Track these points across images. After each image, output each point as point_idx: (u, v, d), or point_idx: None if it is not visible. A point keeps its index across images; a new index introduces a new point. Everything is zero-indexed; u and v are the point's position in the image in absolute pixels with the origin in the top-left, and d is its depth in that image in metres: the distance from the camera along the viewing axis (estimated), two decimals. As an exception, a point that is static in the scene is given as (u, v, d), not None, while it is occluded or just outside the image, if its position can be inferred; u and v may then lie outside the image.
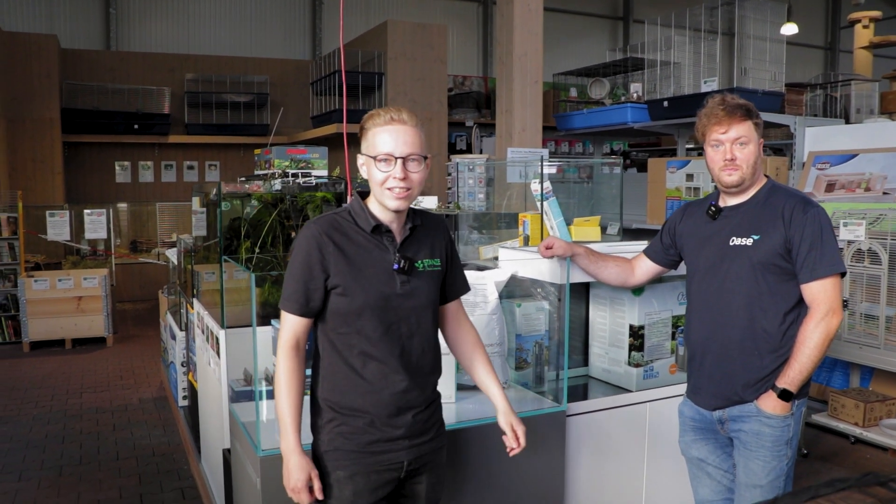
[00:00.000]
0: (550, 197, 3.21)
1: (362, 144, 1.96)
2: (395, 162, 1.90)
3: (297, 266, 1.93)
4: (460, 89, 13.33)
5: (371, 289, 1.92)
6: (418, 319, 1.99)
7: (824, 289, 2.25)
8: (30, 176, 10.00)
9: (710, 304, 2.42)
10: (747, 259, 2.32)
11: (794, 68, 15.82)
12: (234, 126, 11.79)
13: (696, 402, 2.49)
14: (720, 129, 2.33)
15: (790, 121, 5.72)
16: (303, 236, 1.95)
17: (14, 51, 9.92)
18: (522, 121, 6.96)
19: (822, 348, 2.24)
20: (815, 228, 2.26)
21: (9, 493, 4.06)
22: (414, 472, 2.02)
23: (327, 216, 1.99)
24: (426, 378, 2.03)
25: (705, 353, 2.43)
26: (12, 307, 7.59)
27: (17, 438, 4.90)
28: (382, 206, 1.96)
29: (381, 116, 1.93)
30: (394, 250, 1.97)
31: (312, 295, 1.92)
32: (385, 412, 1.94)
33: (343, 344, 1.94)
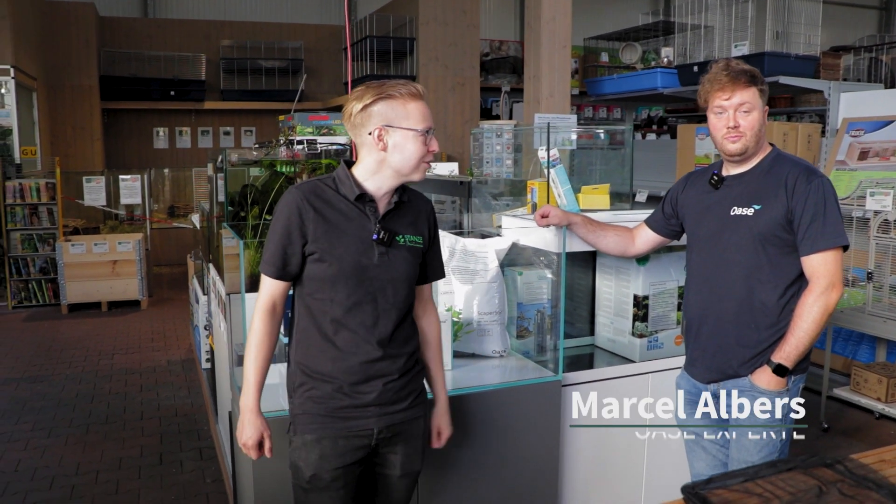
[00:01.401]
0: (557, 164, 3.16)
1: (388, 111, 1.90)
2: (432, 136, 1.94)
3: (277, 230, 1.94)
4: (497, 54, 13.15)
5: (347, 257, 1.92)
6: (394, 292, 1.99)
7: (825, 262, 2.18)
8: (70, 142, 10.23)
9: (708, 276, 2.37)
10: (748, 229, 2.26)
11: (845, 30, 15.24)
12: (269, 92, 11.85)
13: (692, 375, 2.45)
14: (723, 96, 2.27)
15: (824, 86, 5.53)
16: (284, 201, 1.95)
17: (53, 19, 10.08)
18: (550, 86, 6.84)
19: (821, 323, 2.18)
20: (819, 199, 2.19)
21: (38, 449, 4.22)
22: (386, 440, 2.02)
23: (310, 182, 2.00)
24: (399, 349, 2.02)
25: (701, 325, 2.39)
26: (51, 270, 7.81)
27: (50, 397, 5.08)
28: (405, 176, 1.96)
29: (408, 87, 1.91)
30: (375, 220, 1.97)
31: (290, 259, 1.94)
32: (354, 379, 1.95)
33: (318, 310, 1.96)
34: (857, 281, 4.41)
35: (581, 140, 5.21)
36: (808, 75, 5.65)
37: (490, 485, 2.62)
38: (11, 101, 8.08)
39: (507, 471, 2.64)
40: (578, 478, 2.86)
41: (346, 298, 1.93)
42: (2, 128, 8.14)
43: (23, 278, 7.83)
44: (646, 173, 7.41)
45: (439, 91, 9.89)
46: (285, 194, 1.98)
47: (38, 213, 7.85)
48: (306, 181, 2.02)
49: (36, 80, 9.21)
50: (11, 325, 7.24)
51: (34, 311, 7.75)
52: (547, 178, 3.19)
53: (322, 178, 2.02)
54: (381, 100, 1.89)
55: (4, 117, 8.08)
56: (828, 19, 15.54)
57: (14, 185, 7.76)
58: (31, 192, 7.80)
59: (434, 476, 2.51)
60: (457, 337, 2.81)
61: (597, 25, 11.55)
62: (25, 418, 4.70)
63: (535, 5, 6.67)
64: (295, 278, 1.99)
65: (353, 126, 1.94)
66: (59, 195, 7.82)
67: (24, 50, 8.78)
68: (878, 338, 4.74)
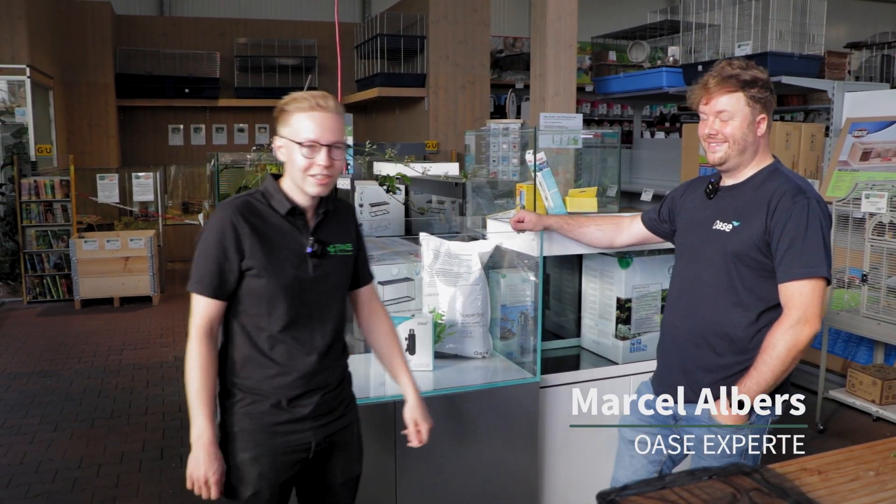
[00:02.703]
0: (545, 168, 3.20)
1: (281, 127, 1.93)
2: (321, 149, 1.89)
3: (211, 247, 1.89)
4: (511, 51, 13.14)
5: (285, 271, 1.92)
6: (329, 303, 2.00)
7: (801, 292, 1.99)
8: (86, 139, 10.39)
9: (683, 291, 2.27)
10: (721, 247, 2.13)
11: (864, 25, 15.05)
12: (282, 89, 11.64)
13: (655, 391, 2.30)
14: (703, 101, 2.15)
15: (828, 86, 5.49)
16: (216, 218, 1.92)
17: (70, 18, 10.24)
18: (556, 85, 6.85)
19: (787, 360, 1.98)
20: (800, 221, 2.00)
21: (44, 443, 4.34)
22: (324, 451, 2.02)
23: (241, 198, 1.97)
24: (336, 360, 2.04)
25: (668, 341, 2.30)
26: (65, 266, 7.96)
27: (58, 391, 5.20)
28: (301, 190, 1.95)
29: (306, 101, 1.90)
30: (307, 234, 1.97)
31: (227, 277, 1.90)
32: (293, 394, 1.95)
33: (253, 326, 1.94)
34: (855, 281, 4.40)
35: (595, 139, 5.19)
36: (812, 75, 5.61)
37: (469, 484, 2.67)
38: (27, 100, 8.22)
39: (485, 470, 2.68)
40: (558, 477, 2.90)
41: (285, 314, 1.92)
42: (18, 126, 8.29)
43: (38, 274, 7.99)
44: (652, 172, 7.41)
45: (450, 89, 9.92)
46: (216, 211, 1.94)
47: (52, 209, 8.00)
48: (236, 196, 1.98)
49: (52, 79, 9.36)
50: (26, 319, 7.39)
51: (48, 306, 7.91)
52: (534, 182, 3.23)
53: (251, 193, 1.99)
54: (280, 112, 1.93)
55: (20, 116, 8.23)
56: (847, 14, 15.37)
57: (29, 182, 7.91)
58: (45, 190, 7.95)
59: (413, 475, 2.57)
60: (439, 338, 2.86)
61: (612, 23, 11.52)
62: (33, 412, 4.81)
63: (541, 4, 6.68)
64: (230, 296, 1.94)
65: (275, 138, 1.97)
66: (73, 192, 7.96)
67: (40, 49, 8.93)
68: (875, 340, 4.73)
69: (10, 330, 6.96)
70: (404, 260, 3.10)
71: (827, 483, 1.23)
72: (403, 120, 10.90)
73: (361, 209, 3.96)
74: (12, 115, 8.31)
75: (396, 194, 3.81)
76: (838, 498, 1.17)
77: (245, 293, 1.93)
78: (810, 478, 1.23)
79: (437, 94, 9.90)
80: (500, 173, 4.85)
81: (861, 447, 1.50)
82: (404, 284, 3.06)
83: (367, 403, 2.51)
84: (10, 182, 8.05)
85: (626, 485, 1.07)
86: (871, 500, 1.19)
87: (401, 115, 10.95)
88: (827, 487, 1.21)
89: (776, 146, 5.38)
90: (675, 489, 1.09)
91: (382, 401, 2.53)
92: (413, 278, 3.05)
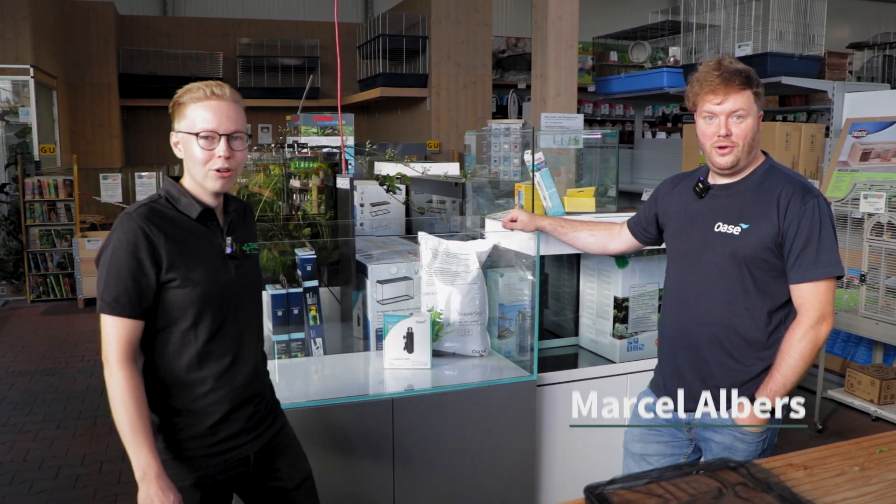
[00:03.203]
0: (543, 168, 3.22)
1: (177, 121, 1.80)
2: (220, 139, 1.78)
3: (123, 262, 1.71)
4: (513, 51, 13.17)
5: (209, 277, 1.80)
6: (252, 305, 1.94)
7: (817, 293, 1.98)
8: (89, 139, 10.44)
9: (686, 297, 2.18)
10: (732, 250, 2.06)
11: (868, 25, 15.04)
12: (285, 89, 11.97)
13: (660, 393, 2.23)
14: (714, 99, 2.03)
15: (828, 86, 5.51)
16: (123, 230, 1.74)
17: (73, 18, 10.29)
18: (557, 86, 6.88)
19: (809, 360, 1.99)
20: (814, 222, 1.98)
21: (47, 440, 4.37)
22: (263, 460, 1.96)
23: (144, 206, 1.80)
24: (264, 367, 1.99)
25: (677, 351, 2.20)
26: (69, 265, 8.00)
27: (62, 389, 5.23)
28: (202, 187, 1.82)
29: (199, 90, 1.79)
30: (222, 235, 1.87)
31: (145, 292, 1.73)
32: (226, 408, 1.84)
33: (176, 343, 1.80)
34: (854, 281, 4.41)
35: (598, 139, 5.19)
36: (813, 75, 5.63)
37: (466, 481, 2.69)
38: (31, 100, 8.26)
39: (482, 467, 2.70)
40: (555, 474, 2.92)
41: (211, 323, 1.80)
42: (22, 126, 8.33)
43: (41, 273, 8.04)
44: (653, 172, 7.42)
45: (451, 89, 9.96)
46: (120, 223, 1.76)
47: (56, 209, 8.04)
48: (137, 205, 1.81)
49: (56, 79, 9.41)
50: (30, 318, 7.43)
51: (52, 304, 7.95)
52: (532, 182, 3.25)
53: (153, 200, 1.83)
54: (175, 106, 1.82)
55: (24, 115, 8.27)
56: (851, 14, 15.34)
57: (33, 181, 7.95)
58: (49, 189, 7.99)
59: (411, 472, 2.59)
60: (437, 337, 2.88)
61: (614, 23, 11.53)
62: (37, 410, 4.85)
63: (542, 5, 6.70)
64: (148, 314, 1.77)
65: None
66: (76, 192, 8.00)
67: (44, 49, 8.97)
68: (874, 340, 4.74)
69: (13, 328, 7.00)
70: (403, 259, 3.12)
71: (812, 478, 1.25)
72: (405, 120, 10.93)
73: (362, 209, 3.98)
74: (16, 114, 8.36)
75: (396, 194, 3.83)
76: (823, 492, 1.19)
77: (166, 307, 1.77)
78: (796, 473, 1.25)
79: (438, 94, 9.94)
80: (501, 173, 4.87)
81: (847, 443, 1.52)
82: (403, 283, 3.08)
83: (367, 401, 2.53)
84: (14, 182, 8.09)
85: (613, 478, 1.09)
86: (856, 494, 1.21)
87: (403, 115, 10.99)
88: (812, 482, 1.22)
89: (776, 147, 5.40)
90: (662, 483, 1.11)
91: (381, 398, 2.55)
92: (412, 277, 3.07)
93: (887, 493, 1.20)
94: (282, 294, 2.90)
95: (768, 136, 5.43)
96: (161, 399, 1.79)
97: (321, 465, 2.46)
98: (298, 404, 2.45)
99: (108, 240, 1.75)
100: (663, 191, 2.35)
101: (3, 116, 8.42)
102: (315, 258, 2.94)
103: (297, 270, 3.00)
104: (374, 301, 3.00)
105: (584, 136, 5.03)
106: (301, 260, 2.95)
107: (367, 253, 3.22)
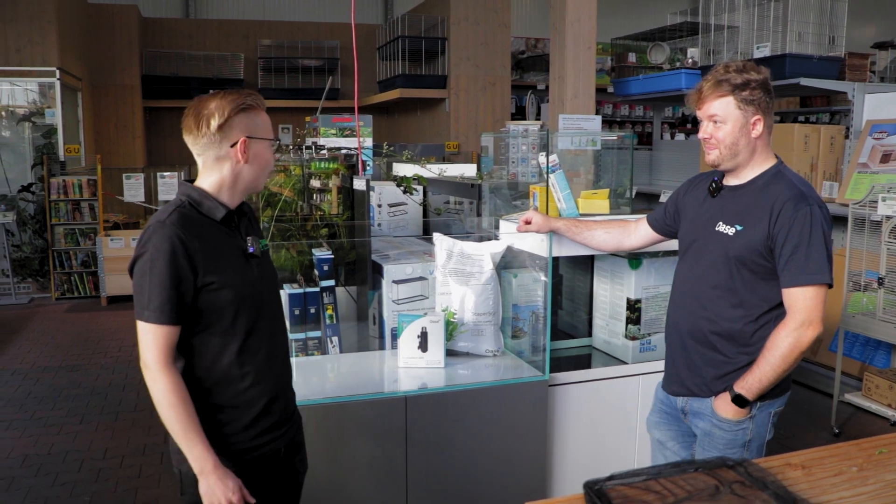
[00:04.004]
0: (557, 170, 3.25)
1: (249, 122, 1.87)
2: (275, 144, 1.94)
3: (163, 271, 1.74)
4: (533, 52, 13.17)
5: (239, 278, 1.86)
6: (274, 301, 2.01)
7: (804, 297, 2.06)
8: (113, 140, 10.60)
9: (685, 290, 2.32)
10: (724, 249, 2.18)
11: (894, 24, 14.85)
12: (305, 90, 12.07)
13: (663, 386, 2.44)
14: (697, 105, 2.20)
15: (848, 87, 5.47)
16: (159, 239, 1.76)
17: (98, 22, 10.46)
18: (575, 87, 6.89)
19: (789, 360, 2.07)
20: (804, 229, 2.05)
21: (70, 434, 4.47)
22: (289, 455, 2.03)
23: (173, 212, 1.83)
24: (286, 358, 2.05)
25: (672, 339, 2.37)
26: (92, 264, 8.14)
27: (85, 385, 5.34)
28: (254, 187, 1.94)
29: (257, 98, 1.89)
30: (241, 235, 1.93)
31: (185, 298, 1.78)
32: (266, 400, 1.92)
33: (217, 343, 1.85)
34: (872, 284, 4.39)
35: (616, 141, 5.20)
36: (832, 77, 5.59)
37: (478, 478, 2.73)
38: (57, 101, 8.41)
39: (493, 464, 2.74)
40: (566, 473, 2.95)
41: (248, 320, 1.87)
42: (48, 127, 8.49)
43: (65, 271, 8.18)
44: (672, 174, 7.40)
45: (470, 90, 9.99)
46: (155, 231, 1.78)
47: (80, 208, 8.18)
48: (167, 212, 1.84)
49: (81, 81, 9.57)
50: (54, 315, 7.57)
51: (76, 302, 8.09)
52: (546, 183, 3.28)
53: (179, 205, 1.86)
54: (241, 111, 1.85)
55: (50, 117, 8.43)
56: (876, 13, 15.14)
57: (58, 181, 8.10)
58: (73, 189, 8.13)
59: (423, 468, 2.63)
60: (451, 336, 2.92)
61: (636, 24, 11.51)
62: (61, 405, 4.95)
63: (561, 6, 6.72)
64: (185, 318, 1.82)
65: (211, 140, 1.84)
66: (99, 192, 8.13)
67: (70, 52, 9.13)
68: (893, 343, 4.72)
69: (38, 325, 7.14)
70: (419, 259, 3.16)
71: (810, 477, 1.26)
72: (425, 121, 10.98)
73: (380, 209, 4.03)
74: (42, 116, 8.51)
75: (413, 195, 3.88)
76: (819, 491, 1.21)
77: (205, 310, 1.82)
78: (794, 472, 1.27)
79: (457, 95, 9.97)
80: (519, 174, 4.90)
81: (847, 444, 1.53)
82: (418, 283, 3.12)
83: (380, 398, 2.58)
84: (40, 181, 8.24)
85: (612, 474, 1.12)
86: (852, 493, 1.23)
87: (422, 116, 11.04)
88: (809, 481, 1.24)
89: (795, 148, 5.38)
90: (661, 480, 1.14)
91: (396, 396, 2.60)
92: (427, 277, 3.11)
93: (882, 492, 1.21)
94: (299, 293, 2.96)
95: (787, 137, 5.41)
96: (202, 399, 1.84)
97: (336, 460, 2.51)
98: (314, 401, 2.50)
99: (144, 248, 1.77)
100: (685, 188, 2.48)
101: (30, 118, 8.58)
102: (331, 258, 2.99)
103: (314, 270, 3.06)
104: (389, 301, 3.05)
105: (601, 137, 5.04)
106: (318, 260, 3.01)
107: (384, 253, 3.27)
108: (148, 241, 1.78)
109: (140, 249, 1.78)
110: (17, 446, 4.28)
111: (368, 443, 2.57)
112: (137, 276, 1.77)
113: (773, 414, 2.24)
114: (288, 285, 3.07)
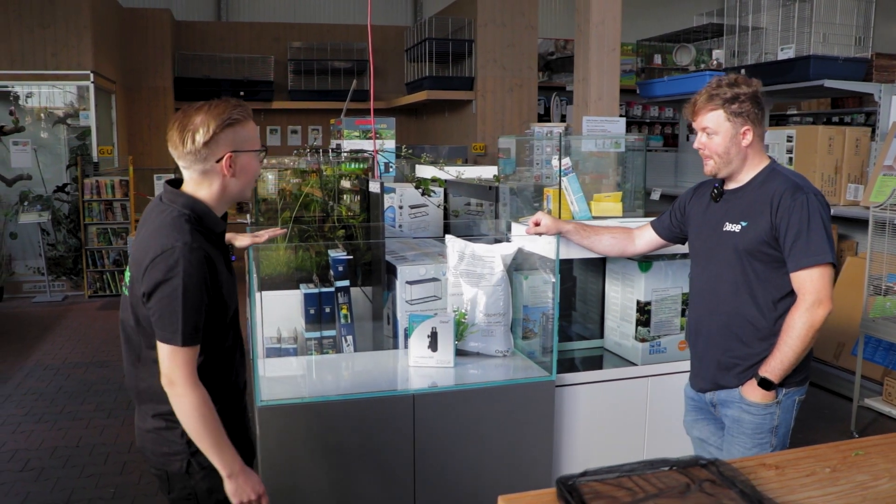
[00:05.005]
0: (570, 173, 3.28)
1: (235, 136, 1.88)
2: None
3: (197, 296, 1.77)
4: (562, 53, 13.14)
5: (234, 291, 1.92)
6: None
7: (811, 278, 2.21)
8: (146, 141, 10.82)
9: (703, 290, 2.46)
10: (734, 246, 2.32)
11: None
12: (335, 92, 12.18)
13: (692, 384, 2.56)
14: (692, 117, 2.39)
15: (874, 89, 5.41)
16: (190, 263, 1.76)
17: (132, 25, 10.69)
18: (599, 89, 6.89)
19: (806, 339, 2.21)
20: (803, 215, 2.21)
21: (97, 428, 4.60)
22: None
23: (186, 230, 1.81)
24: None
25: (697, 338, 2.49)
26: (124, 262, 8.33)
27: (113, 381, 5.49)
28: (240, 198, 1.97)
29: (243, 109, 1.89)
30: (226, 245, 2.01)
31: (203, 317, 1.82)
32: (242, 402, 2.05)
33: (220, 356, 1.94)
34: (893, 288, 4.34)
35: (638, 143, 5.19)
36: (859, 78, 5.53)
37: (485, 476, 2.77)
38: (91, 104, 8.62)
39: (499, 463, 2.78)
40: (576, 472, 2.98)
41: (237, 330, 1.98)
42: (82, 128, 8.71)
43: (98, 269, 8.38)
44: (696, 175, 7.36)
45: (497, 92, 10.02)
46: (184, 255, 1.76)
47: (112, 208, 8.38)
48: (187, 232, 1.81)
49: (114, 83, 9.79)
50: (87, 312, 7.77)
51: (108, 300, 8.28)
52: (559, 187, 3.32)
53: (187, 220, 1.84)
54: (227, 126, 1.85)
55: (84, 119, 8.64)
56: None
57: (92, 182, 8.31)
58: (106, 189, 8.33)
59: (431, 466, 2.68)
60: (462, 336, 2.97)
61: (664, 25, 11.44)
62: (90, 399, 5.10)
63: (585, 8, 6.73)
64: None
65: (197, 156, 1.83)
66: (131, 192, 8.33)
67: (104, 55, 9.35)
68: (917, 348, 4.65)
69: (71, 322, 7.34)
70: (433, 261, 3.22)
71: (781, 477, 1.29)
72: (452, 122, 11.03)
73: (401, 210, 4.09)
74: (77, 118, 8.73)
75: (432, 197, 3.93)
76: (787, 491, 1.23)
77: (213, 324, 1.87)
78: (766, 472, 1.29)
79: (484, 97, 10.01)
80: (543, 177, 4.92)
81: (825, 446, 1.55)
82: (431, 284, 3.18)
83: (388, 396, 2.64)
84: (74, 182, 8.45)
85: (585, 470, 1.17)
86: (820, 493, 1.25)
87: (449, 117, 11.09)
88: (780, 481, 1.27)
89: (818, 151, 5.33)
90: (633, 477, 1.18)
91: (406, 394, 2.65)
92: (440, 279, 3.17)
93: (851, 493, 1.23)
94: (314, 293, 3.03)
95: (810, 140, 5.36)
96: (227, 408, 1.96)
97: (344, 456, 2.58)
98: (325, 398, 2.57)
99: (173, 272, 1.74)
100: (686, 196, 2.64)
101: (65, 120, 8.81)
102: (346, 259, 3.05)
103: (329, 270, 3.13)
104: (402, 301, 3.10)
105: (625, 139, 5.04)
106: (334, 260, 3.08)
107: (400, 254, 3.32)
108: (177, 265, 1.74)
109: (168, 273, 1.74)
110: (46, 438, 4.43)
111: (377, 439, 2.63)
112: (165, 300, 1.75)
113: (797, 402, 2.36)
114: (304, 285, 3.15)
